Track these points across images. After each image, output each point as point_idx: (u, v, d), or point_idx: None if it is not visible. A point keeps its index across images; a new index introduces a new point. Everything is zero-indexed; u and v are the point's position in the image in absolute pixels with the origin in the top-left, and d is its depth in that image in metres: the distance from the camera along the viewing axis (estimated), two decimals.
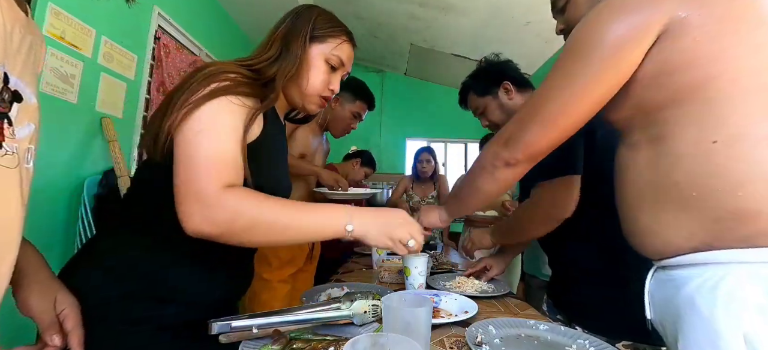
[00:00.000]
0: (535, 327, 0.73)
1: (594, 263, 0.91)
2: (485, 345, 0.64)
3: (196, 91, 0.59)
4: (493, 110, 1.17)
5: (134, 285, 0.60)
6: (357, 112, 1.64)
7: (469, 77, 1.24)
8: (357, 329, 0.70)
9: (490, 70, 1.19)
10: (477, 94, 1.20)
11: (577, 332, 0.71)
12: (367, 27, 3.96)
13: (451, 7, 3.17)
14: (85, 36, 1.77)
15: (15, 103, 0.41)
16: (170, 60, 2.44)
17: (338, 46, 0.75)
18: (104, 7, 1.86)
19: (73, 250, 1.67)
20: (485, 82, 1.18)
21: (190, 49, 2.75)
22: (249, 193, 0.59)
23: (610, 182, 0.64)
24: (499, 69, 1.18)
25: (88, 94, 1.80)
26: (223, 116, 0.59)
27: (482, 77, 1.20)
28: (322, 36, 0.74)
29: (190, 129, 0.57)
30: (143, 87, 2.23)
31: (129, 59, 2.09)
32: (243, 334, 0.61)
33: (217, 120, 0.58)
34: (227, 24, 3.34)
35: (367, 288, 0.98)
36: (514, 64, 1.20)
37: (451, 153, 5.05)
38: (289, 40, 0.71)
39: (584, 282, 0.93)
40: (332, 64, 0.75)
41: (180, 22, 2.58)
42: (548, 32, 3.19)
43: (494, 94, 1.16)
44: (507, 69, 1.17)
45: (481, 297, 0.99)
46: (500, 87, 1.15)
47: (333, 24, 0.77)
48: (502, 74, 1.15)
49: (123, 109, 2.06)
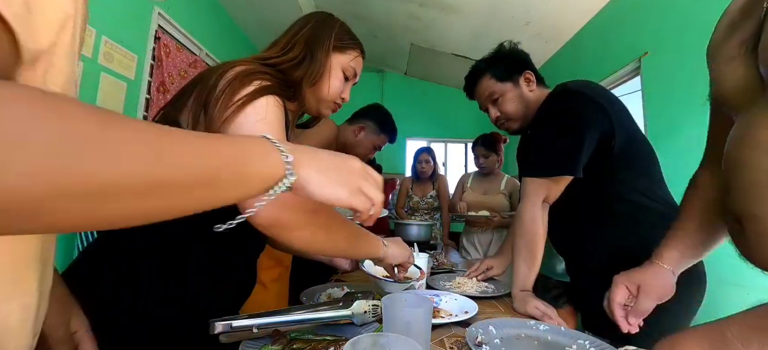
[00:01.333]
0: (535, 328, 0.73)
1: (603, 265, 0.89)
2: (485, 345, 0.64)
3: (239, 89, 0.57)
4: (512, 99, 1.07)
5: (140, 291, 0.60)
6: (379, 144, 1.65)
7: (483, 61, 1.12)
8: (357, 329, 0.71)
9: (513, 56, 1.09)
10: (496, 79, 1.08)
11: (577, 332, 0.71)
12: (367, 27, 3.96)
13: (451, 7, 3.18)
14: (85, 36, 1.77)
15: None
16: (170, 60, 2.44)
17: (355, 59, 0.80)
18: (104, 7, 1.86)
19: (73, 251, 1.67)
20: (506, 67, 1.08)
21: (190, 49, 2.75)
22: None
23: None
24: (522, 58, 1.09)
25: (88, 94, 1.80)
26: (277, 111, 0.59)
27: (503, 61, 1.09)
28: (343, 47, 0.77)
29: (249, 118, 0.55)
30: (143, 87, 2.23)
31: (129, 59, 2.09)
32: (243, 334, 0.61)
33: (273, 113, 0.58)
34: (227, 24, 3.34)
35: (367, 288, 0.98)
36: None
37: (451, 153, 5.05)
38: (314, 46, 0.73)
39: (594, 286, 0.93)
40: (347, 74, 0.79)
41: (180, 22, 2.58)
42: (548, 32, 3.20)
43: (515, 82, 1.07)
44: (529, 60, 1.10)
45: (481, 297, 0.99)
46: (522, 75, 1.06)
47: (351, 37, 0.80)
48: (525, 63, 1.08)
49: (123, 109, 2.06)
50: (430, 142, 4.75)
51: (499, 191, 2.14)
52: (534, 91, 1.07)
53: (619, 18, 2.56)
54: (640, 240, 0.84)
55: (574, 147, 0.87)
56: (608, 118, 0.89)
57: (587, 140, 0.87)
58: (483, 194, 2.19)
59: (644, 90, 2.25)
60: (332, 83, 0.75)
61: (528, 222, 0.92)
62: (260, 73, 0.61)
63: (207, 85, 0.60)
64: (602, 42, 2.75)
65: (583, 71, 2.92)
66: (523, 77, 1.07)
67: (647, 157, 0.94)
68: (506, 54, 1.11)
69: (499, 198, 2.12)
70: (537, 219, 0.92)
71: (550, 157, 0.91)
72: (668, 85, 2.03)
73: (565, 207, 0.94)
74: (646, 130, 2.19)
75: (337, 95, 0.77)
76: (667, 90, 2.05)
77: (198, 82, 0.64)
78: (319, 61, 0.72)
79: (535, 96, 1.06)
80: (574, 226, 0.97)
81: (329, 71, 0.75)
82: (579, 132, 0.88)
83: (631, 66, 2.39)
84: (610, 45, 2.64)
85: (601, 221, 0.92)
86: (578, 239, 0.98)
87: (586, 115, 0.89)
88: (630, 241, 0.87)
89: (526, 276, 0.92)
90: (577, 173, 0.88)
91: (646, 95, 2.23)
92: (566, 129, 0.90)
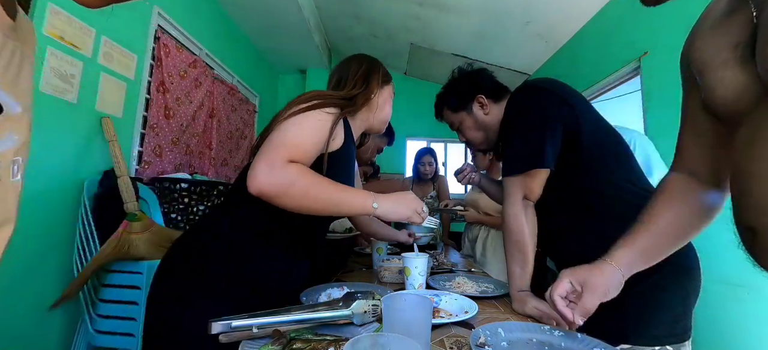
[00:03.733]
0: (549, 333, 0.68)
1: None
2: (488, 346, 0.64)
3: (299, 104, 0.79)
4: (469, 127, 1.12)
5: (225, 265, 0.75)
6: (381, 147, 1.94)
7: (443, 89, 1.18)
8: (357, 329, 0.70)
9: (463, 83, 1.12)
10: (451, 110, 1.15)
11: (593, 340, 0.66)
12: (367, 27, 3.96)
13: (451, 7, 3.18)
14: (85, 36, 1.77)
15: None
16: (170, 60, 2.44)
17: (392, 89, 1.05)
18: (104, 7, 1.86)
19: (73, 250, 1.67)
20: (458, 97, 1.12)
21: (190, 49, 2.75)
22: (306, 169, 0.74)
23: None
24: (472, 81, 1.11)
25: (88, 94, 1.80)
26: (311, 120, 0.78)
27: (454, 91, 1.13)
28: (388, 80, 1.03)
29: (284, 124, 0.76)
30: (143, 87, 2.23)
31: (129, 59, 2.09)
32: (243, 334, 0.61)
33: (305, 119, 0.77)
34: (227, 24, 3.34)
35: (367, 288, 0.98)
36: (488, 73, 1.13)
37: (451, 153, 5.05)
38: (369, 80, 0.97)
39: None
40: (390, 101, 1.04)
41: (180, 22, 2.58)
42: (548, 32, 3.20)
43: (469, 110, 1.11)
44: (481, 80, 1.10)
45: (481, 297, 0.99)
46: (474, 101, 1.09)
47: (387, 74, 1.04)
48: (475, 87, 1.09)
49: (123, 109, 2.06)
50: (430, 142, 4.75)
51: None
52: (489, 113, 1.09)
53: (619, 18, 2.57)
54: (622, 232, 0.83)
55: (538, 140, 0.88)
56: (571, 109, 0.89)
57: (550, 131, 0.88)
58: (479, 192, 2.20)
59: (644, 90, 2.25)
60: (387, 107, 1.02)
61: (511, 221, 0.92)
62: (319, 97, 0.82)
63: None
64: (602, 42, 2.75)
65: (582, 71, 2.92)
66: (475, 102, 1.09)
67: (620, 149, 0.94)
68: (457, 83, 1.14)
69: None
70: (519, 216, 0.92)
71: (518, 153, 0.93)
72: (668, 85, 2.03)
73: (544, 207, 0.95)
74: (646, 130, 2.19)
75: (389, 117, 1.04)
76: (667, 90, 2.05)
77: None
78: (371, 88, 0.96)
79: (492, 116, 1.09)
80: (556, 225, 0.97)
81: (384, 98, 1.00)
82: (541, 125, 0.89)
83: (631, 66, 2.39)
84: (609, 45, 2.64)
85: (581, 216, 0.92)
86: (560, 237, 0.98)
87: (547, 107, 0.91)
88: (612, 234, 0.85)
89: (520, 276, 0.92)
90: (547, 165, 0.88)
91: (646, 95, 2.23)
92: (530, 124, 0.92)
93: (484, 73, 1.13)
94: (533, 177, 0.91)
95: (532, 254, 0.92)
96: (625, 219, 0.85)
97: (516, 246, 0.92)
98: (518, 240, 0.92)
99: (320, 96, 0.82)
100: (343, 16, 3.83)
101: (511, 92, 1.08)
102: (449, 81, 1.17)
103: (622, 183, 0.89)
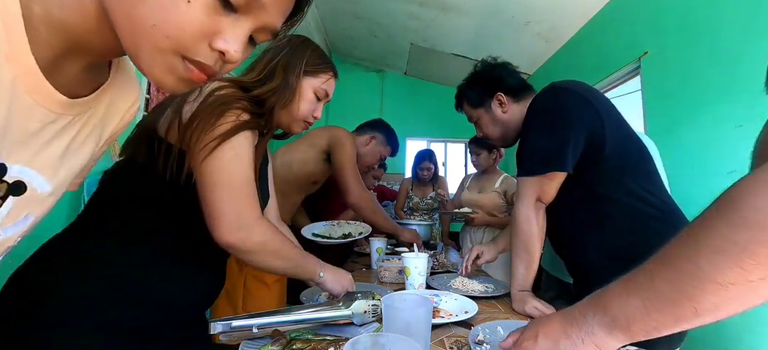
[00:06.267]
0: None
1: (603, 264, 0.88)
2: (486, 343, 0.64)
3: (218, 120, 0.63)
4: (486, 123, 1.12)
5: (105, 284, 0.59)
6: (384, 155, 1.83)
7: (464, 82, 1.17)
8: (357, 329, 0.71)
9: (486, 80, 1.11)
10: (470, 105, 1.14)
11: None
12: (366, 27, 3.96)
13: (451, 7, 3.18)
14: None
15: (12, 196, 0.33)
16: None
17: (326, 81, 0.86)
18: None
19: None
20: (478, 93, 1.11)
21: None
22: (274, 228, 0.71)
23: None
24: (493, 77, 1.10)
25: None
26: (248, 148, 0.67)
27: (476, 86, 1.13)
28: (314, 71, 0.84)
29: (226, 154, 0.63)
30: (143, 86, 2.23)
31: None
32: (243, 334, 0.61)
33: (246, 149, 0.66)
34: None
35: (367, 288, 0.98)
36: (511, 68, 1.12)
37: (451, 153, 5.05)
38: (288, 72, 0.80)
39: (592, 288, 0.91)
40: (319, 95, 0.85)
41: None
42: (548, 32, 3.20)
43: (487, 107, 1.10)
44: (503, 76, 1.09)
45: (481, 298, 0.99)
46: (493, 98, 1.08)
47: (324, 61, 0.87)
48: (496, 84, 1.08)
49: None
50: (430, 142, 4.75)
51: (493, 189, 2.15)
52: (508, 112, 1.07)
53: (619, 18, 2.56)
54: (636, 242, 0.83)
55: (561, 143, 0.87)
56: (597, 115, 0.88)
57: (575, 136, 0.86)
58: (478, 192, 2.20)
59: (644, 90, 2.25)
60: (303, 105, 0.83)
61: (522, 221, 0.92)
62: (237, 103, 0.67)
63: (184, 97, 0.66)
64: (602, 42, 2.75)
65: (583, 71, 2.92)
66: (494, 100, 1.08)
67: (641, 157, 0.93)
68: (479, 77, 1.13)
69: (492, 196, 2.12)
70: (531, 218, 0.91)
71: (538, 154, 0.91)
72: (668, 85, 2.03)
73: (560, 210, 0.94)
74: (646, 130, 2.19)
75: (308, 115, 0.85)
76: (667, 90, 2.05)
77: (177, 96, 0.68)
78: (291, 85, 0.79)
79: (511, 115, 1.07)
80: (571, 229, 0.97)
81: (300, 94, 0.82)
82: (566, 128, 0.87)
83: (631, 66, 2.39)
84: (610, 45, 2.64)
85: (597, 223, 0.91)
86: (574, 242, 0.97)
87: (574, 111, 0.89)
88: (626, 243, 0.86)
89: (523, 276, 0.92)
90: (566, 169, 0.87)
91: (646, 95, 2.23)
92: (554, 125, 0.90)
93: (507, 68, 1.11)
94: (551, 180, 0.90)
95: (538, 255, 0.92)
96: (638, 231, 0.85)
97: (524, 247, 0.92)
98: (527, 241, 0.92)
99: (233, 110, 0.66)
100: (343, 15, 3.83)
101: (533, 91, 1.06)
102: (471, 74, 1.16)
103: (640, 193, 0.87)
